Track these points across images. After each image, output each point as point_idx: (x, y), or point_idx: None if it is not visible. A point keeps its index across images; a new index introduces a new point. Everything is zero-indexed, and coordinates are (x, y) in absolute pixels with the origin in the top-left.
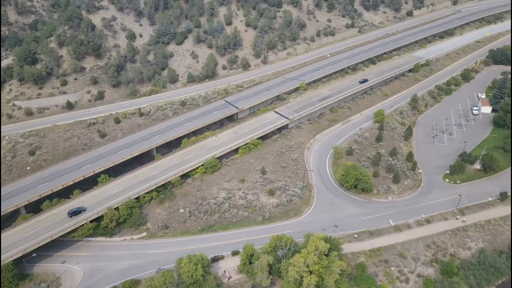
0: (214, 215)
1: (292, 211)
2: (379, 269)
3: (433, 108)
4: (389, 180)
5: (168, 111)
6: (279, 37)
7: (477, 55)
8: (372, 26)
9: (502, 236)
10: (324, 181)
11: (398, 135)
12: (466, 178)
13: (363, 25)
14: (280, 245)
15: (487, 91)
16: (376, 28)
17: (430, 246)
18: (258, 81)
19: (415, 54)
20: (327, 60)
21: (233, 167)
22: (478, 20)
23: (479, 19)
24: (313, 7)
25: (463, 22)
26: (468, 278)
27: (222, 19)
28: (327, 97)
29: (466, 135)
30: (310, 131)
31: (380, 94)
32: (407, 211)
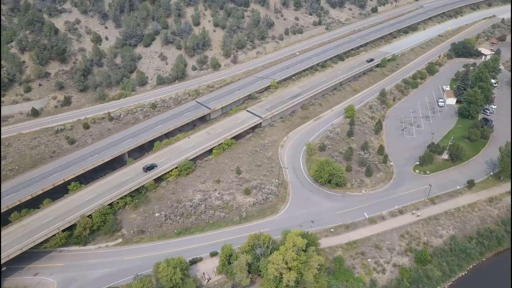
0: (191, 217)
1: (269, 209)
2: (356, 262)
3: (401, 101)
4: (362, 173)
5: (139, 114)
6: (248, 36)
7: (440, 48)
8: (339, 23)
9: (471, 222)
10: (299, 178)
11: (369, 129)
12: (435, 168)
13: (330, 22)
14: (258, 244)
15: (451, 83)
16: (343, 25)
17: (404, 236)
18: (229, 80)
19: (381, 50)
20: (296, 58)
21: (208, 168)
22: (439, 15)
23: (440, 13)
24: (281, 5)
25: (425, 17)
26: (441, 265)
27: (189, 19)
28: (298, 95)
29: (433, 126)
30: (283, 129)
31: (349, 89)
32: (380, 203)
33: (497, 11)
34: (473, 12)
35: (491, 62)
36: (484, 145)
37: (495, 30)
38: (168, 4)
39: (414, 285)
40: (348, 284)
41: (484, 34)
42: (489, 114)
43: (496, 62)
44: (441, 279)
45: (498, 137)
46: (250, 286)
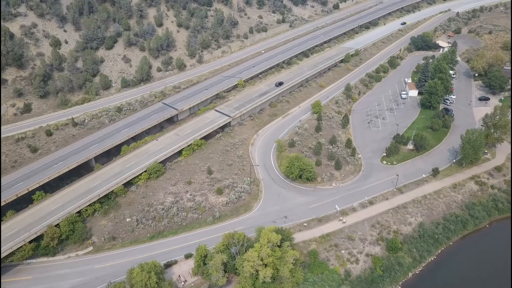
0: (163, 220)
1: (242, 208)
2: (330, 254)
3: (366, 95)
4: (331, 167)
5: (104, 119)
6: (212, 36)
7: (401, 42)
8: (302, 21)
9: (437, 209)
10: (271, 175)
11: (336, 124)
12: (401, 159)
13: (294, 20)
14: (233, 242)
15: (413, 76)
16: (306, 22)
17: (375, 226)
18: (196, 81)
19: (344, 45)
20: (262, 56)
21: (178, 170)
22: (398, 10)
23: (399, 9)
24: (244, 4)
25: (385, 12)
26: (411, 251)
27: (152, 20)
28: (265, 93)
29: (397, 118)
30: (253, 127)
31: (315, 86)
32: (351, 195)
33: (452, 5)
34: (429, 6)
35: (449, 54)
36: (446, 134)
37: (451, 23)
38: (129, 5)
39: (386, 273)
40: (323, 276)
41: (441, 27)
42: (449, 104)
43: (453, 54)
44: (412, 265)
45: (459, 125)
46: (226, 285)
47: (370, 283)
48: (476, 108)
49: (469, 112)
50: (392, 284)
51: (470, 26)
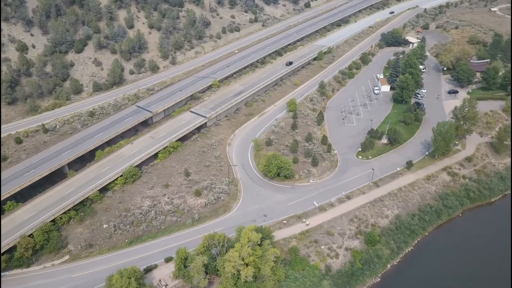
0: (141, 225)
1: (221, 208)
2: (310, 250)
3: (339, 92)
4: (308, 164)
5: (76, 124)
6: (185, 36)
7: (372, 39)
8: (274, 20)
9: (412, 200)
10: (249, 174)
11: (311, 121)
12: (376, 153)
13: (266, 19)
14: (213, 244)
15: (384, 71)
16: (278, 21)
17: (353, 220)
18: (169, 82)
19: (317, 43)
20: (235, 56)
21: (155, 173)
22: (368, 7)
23: (369, 6)
24: (216, 4)
25: (356, 9)
26: (389, 243)
27: (122, 22)
28: (241, 92)
29: (371, 113)
30: (229, 127)
31: (290, 84)
32: (328, 191)
33: (420, 1)
34: (398, 3)
35: (418, 50)
36: (418, 127)
37: (419, 19)
38: (98, 7)
39: (366, 266)
40: (304, 273)
41: (410, 23)
42: (420, 98)
43: (422, 49)
44: (390, 257)
45: (430, 119)
46: (208, 287)
47: (351, 277)
48: (446, 101)
49: (439, 105)
50: (372, 276)
51: (438, 21)
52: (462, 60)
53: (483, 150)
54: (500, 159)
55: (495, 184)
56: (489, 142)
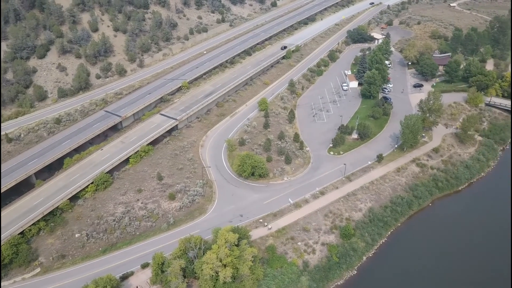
0: (115, 232)
1: (197, 211)
2: (287, 247)
3: (309, 89)
4: (282, 162)
5: (42, 132)
6: (151, 39)
7: (338, 36)
8: (242, 19)
9: (384, 193)
10: (223, 175)
11: (283, 119)
12: (347, 148)
13: (233, 19)
14: (190, 247)
15: (352, 68)
16: (246, 20)
17: (328, 215)
18: (138, 85)
19: (285, 42)
20: (204, 56)
21: (127, 178)
22: (333, 5)
23: (334, 4)
24: (182, 5)
25: (321, 8)
26: (364, 236)
27: (86, 26)
28: (211, 93)
29: (341, 109)
30: (201, 128)
31: (260, 83)
32: (303, 188)
33: None
34: (362, 0)
35: (383, 45)
36: (387, 121)
37: (383, 16)
38: (60, 11)
39: (342, 259)
40: (282, 270)
41: (374, 20)
42: (387, 93)
43: (387, 45)
44: (365, 249)
45: (398, 112)
46: None
47: (328, 271)
48: (412, 95)
49: (406, 99)
50: (348, 269)
51: (401, 17)
52: (425, 55)
53: (448, 141)
54: (465, 149)
55: (461, 173)
56: (454, 133)
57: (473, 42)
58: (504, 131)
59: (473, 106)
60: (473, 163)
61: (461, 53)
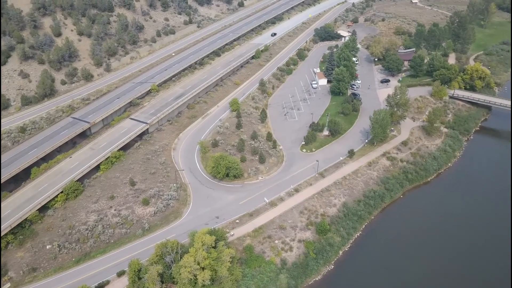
0: (88, 241)
1: (172, 215)
2: (265, 246)
3: (279, 88)
4: (256, 162)
5: (6, 142)
6: (118, 42)
7: (306, 35)
8: (209, 20)
9: (357, 187)
10: (197, 177)
11: (255, 119)
12: (319, 145)
13: (201, 20)
14: (166, 251)
15: (320, 65)
16: (213, 21)
17: (303, 212)
18: (106, 90)
19: (254, 42)
20: (173, 58)
21: (98, 186)
22: (300, 4)
23: (301, 2)
24: (148, 7)
25: (288, 7)
26: (339, 231)
27: (48, 30)
28: (181, 95)
29: (311, 107)
30: (173, 131)
31: (230, 84)
32: (277, 186)
33: None
34: None
35: (350, 43)
36: (356, 117)
37: (349, 13)
38: (19, 15)
39: (319, 255)
40: (261, 269)
41: (340, 18)
42: (356, 89)
43: (354, 42)
44: (341, 244)
45: (367, 108)
46: None
47: (306, 267)
48: (380, 90)
49: (374, 95)
50: (326, 264)
51: (365, 15)
52: (390, 51)
53: (416, 133)
54: (432, 141)
55: (430, 165)
56: (421, 126)
57: (435, 37)
58: (467, 122)
59: (438, 99)
60: (440, 154)
61: (424, 48)
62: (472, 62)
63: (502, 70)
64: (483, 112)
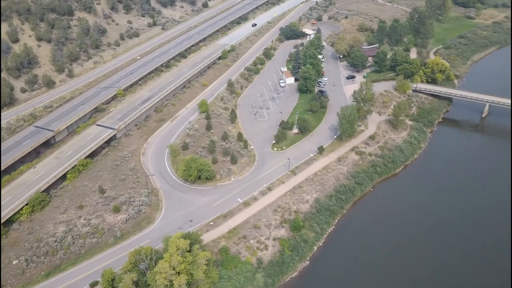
0: (57, 253)
1: (144, 221)
2: (240, 246)
3: (248, 88)
4: (227, 162)
5: None
6: (80, 47)
7: (271, 34)
8: (174, 22)
9: (328, 183)
10: (168, 181)
11: (225, 120)
12: (289, 143)
13: (165, 22)
14: (140, 259)
15: (287, 64)
16: (178, 23)
17: (277, 210)
18: (69, 97)
19: (220, 42)
20: (138, 62)
21: (66, 195)
22: (265, 3)
23: (265, 2)
24: (109, 10)
25: (253, 6)
26: (313, 227)
27: (5, 37)
28: (148, 99)
29: (280, 106)
30: (141, 136)
31: (198, 85)
32: (250, 186)
33: None
34: None
35: (315, 41)
36: (324, 113)
37: (313, 12)
38: None
39: (294, 252)
40: (237, 270)
41: (305, 16)
42: (322, 86)
43: (319, 40)
44: (315, 239)
45: (334, 104)
46: None
47: (282, 265)
48: (346, 86)
49: (341, 91)
50: (301, 261)
51: (329, 13)
52: (355, 47)
53: (383, 127)
54: (398, 134)
55: (397, 157)
56: (387, 120)
57: (397, 33)
58: (431, 114)
59: (402, 93)
60: (407, 146)
61: (387, 43)
62: (432, 56)
63: (461, 62)
64: (444, 104)
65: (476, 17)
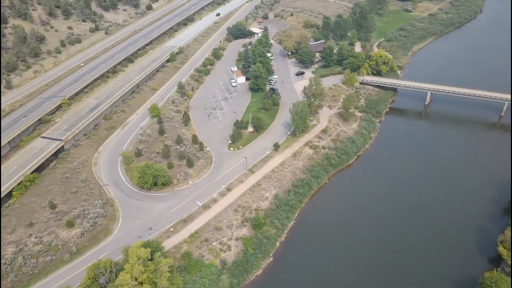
0: (8, 276)
1: (101, 233)
2: (203, 250)
3: (199, 90)
4: (184, 166)
5: None
6: (17, 56)
7: (219, 34)
8: (117, 26)
9: (285, 178)
10: (124, 190)
11: (178, 123)
12: (245, 142)
13: (109, 26)
14: (100, 272)
15: (237, 64)
16: (122, 27)
17: (238, 210)
18: (9, 109)
19: (167, 45)
20: (82, 69)
21: (13, 214)
22: (210, 4)
23: (210, 2)
24: (47, 16)
25: (198, 7)
26: (274, 223)
27: None
28: (96, 106)
29: (233, 105)
30: (91, 145)
31: (148, 90)
32: (209, 188)
33: None
34: None
35: (263, 39)
36: (277, 111)
37: (258, 10)
38: None
39: (258, 250)
40: (202, 273)
41: (251, 15)
42: (273, 84)
43: (267, 38)
44: (277, 235)
45: (286, 101)
46: None
47: (246, 264)
48: (296, 83)
49: (291, 88)
50: (265, 257)
51: (275, 11)
52: (302, 44)
53: (334, 120)
54: (348, 126)
55: (350, 148)
56: (337, 113)
57: (341, 28)
58: (378, 105)
59: (350, 86)
60: (358, 137)
61: (332, 39)
62: (375, 49)
63: (402, 54)
64: (390, 94)
65: (413, 10)
